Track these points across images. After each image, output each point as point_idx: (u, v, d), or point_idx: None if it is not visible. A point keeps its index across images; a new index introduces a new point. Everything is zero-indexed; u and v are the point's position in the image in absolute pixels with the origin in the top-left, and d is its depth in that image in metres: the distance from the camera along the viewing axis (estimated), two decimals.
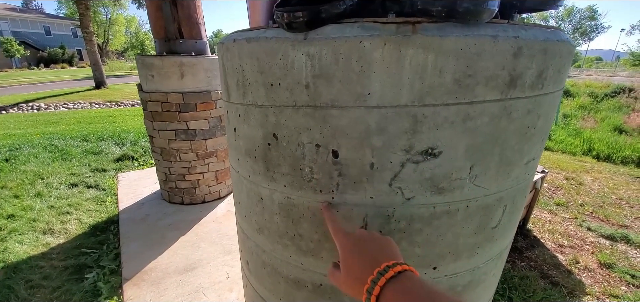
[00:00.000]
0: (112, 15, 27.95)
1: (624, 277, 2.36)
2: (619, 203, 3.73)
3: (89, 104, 9.71)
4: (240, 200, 0.74)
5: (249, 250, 0.77)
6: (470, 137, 0.48)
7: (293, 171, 0.56)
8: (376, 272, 0.38)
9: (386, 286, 0.36)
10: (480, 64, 0.43)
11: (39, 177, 3.82)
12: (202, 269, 2.22)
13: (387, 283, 0.36)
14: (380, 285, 0.36)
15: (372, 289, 0.37)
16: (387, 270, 0.37)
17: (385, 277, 0.37)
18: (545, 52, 0.47)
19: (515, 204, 0.62)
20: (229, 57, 0.59)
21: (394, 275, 0.37)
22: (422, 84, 0.43)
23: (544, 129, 0.56)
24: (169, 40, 2.65)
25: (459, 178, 0.51)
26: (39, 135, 5.44)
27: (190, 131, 2.83)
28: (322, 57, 0.45)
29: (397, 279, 0.37)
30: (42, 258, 2.40)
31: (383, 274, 0.37)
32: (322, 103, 0.48)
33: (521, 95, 0.47)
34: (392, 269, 0.37)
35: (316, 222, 0.57)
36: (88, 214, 3.05)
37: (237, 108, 0.61)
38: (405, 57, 0.42)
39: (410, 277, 0.37)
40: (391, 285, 0.36)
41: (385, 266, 0.38)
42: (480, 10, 0.40)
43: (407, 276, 0.37)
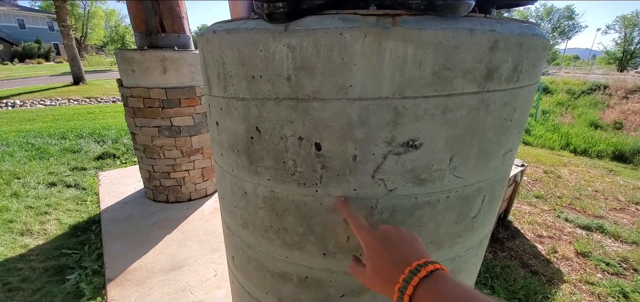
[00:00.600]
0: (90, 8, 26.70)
1: (599, 265, 2.50)
2: (595, 195, 3.93)
3: (67, 100, 9.29)
4: (224, 195, 0.73)
5: (235, 245, 0.76)
6: (449, 129, 0.49)
7: (276, 165, 0.55)
8: (408, 271, 0.37)
9: (419, 286, 0.36)
10: (459, 56, 0.44)
11: (15, 176, 3.64)
12: (189, 268, 2.18)
13: (420, 282, 0.36)
14: (413, 285, 0.36)
15: (405, 289, 0.36)
16: (420, 269, 0.37)
17: (418, 277, 0.36)
18: (521, 46, 0.48)
19: (494, 194, 0.64)
20: (209, 48, 0.58)
21: (427, 274, 0.36)
22: (403, 77, 0.44)
23: (521, 121, 0.58)
24: (150, 34, 2.56)
25: (440, 169, 0.52)
26: (14, 133, 5.16)
27: (174, 128, 2.75)
28: (303, 48, 0.45)
29: (430, 278, 0.36)
30: (20, 260, 2.29)
31: (415, 273, 0.37)
32: (304, 95, 0.48)
33: (498, 88, 0.49)
34: (425, 268, 0.37)
35: (300, 215, 0.57)
36: (68, 214, 2.93)
37: (219, 101, 0.60)
38: (386, 49, 0.42)
39: (443, 276, 0.36)
40: (424, 284, 0.36)
41: (416, 264, 0.37)
42: (458, 3, 0.41)
43: (439, 275, 0.36)
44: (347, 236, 0.56)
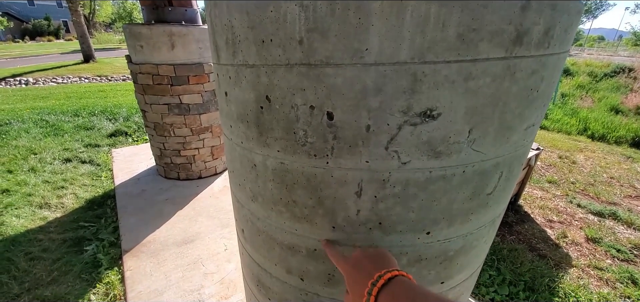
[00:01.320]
0: None
1: (610, 251, 2.46)
2: (610, 182, 3.82)
3: (78, 78, 9.42)
4: (233, 168, 0.73)
5: (244, 218, 0.76)
6: (471, 99, 0.46)
7: (287, 135, 0.54)
8: (370, 284, 0.41)
9: (379, 295, 0.39)
10: (486, 16, 0.40)
11: (32, 152, 3.77)
12: (200, 242, 2.26)
13: (380, 292, 0.40)
14: (374, 295, 0.40)
15: (368, 300, 0.40)
16: (379, 279, 0.41)
17: (377, 287, 0.40)
18: (554, 8, 0.44)
19: (511, 170, 0.61)
20: (217, 13, 0.55)
21: (385, 282, 0.40)
22: (424, 39, 0.41)
23: (547, 93, 0.55)
24: (157, 8, 2.52)
25: (457, 142, 0.49)
26: (28, 110, 5.31)
27: (183, 105, 2.76)
28: (316, 8, 0.42)
29: (389, 286, 0.40)
30: (40, 231, 2.41)
31: (375, 284, 0.40)
32: (316, 60, 0.45)
33: (526, 54, 0.45)
34: (383, 277, 0.41)
35: (310, 187, 0.56)
36: (84, 188, 3.04)
37: (228, 70, 0.58)
38: (407, 7, 0.39)
39: (401, 281, 0.40)
40: (384, 292, 0.40)
41: (377, 275, 0.41)
42: None
43: (397, 282, 0.40)
44: (357, 210, 0.55)
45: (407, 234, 0.58)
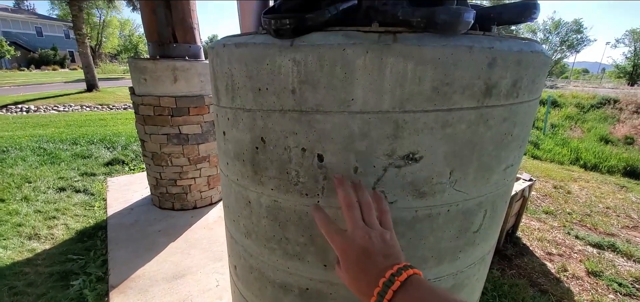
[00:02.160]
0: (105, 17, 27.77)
1: (612, 286, 2.41)
2: (606, 212, 3.82)
3: (80, 106, 9.56)
4: (229, 204, 0.75)
5: (237, 254, 0.77)
6: (449, 143, 0.50)
7: (280, 174, 0.56)
8: (382, 284, 0.37)
9: (394, 297, 0.36)
10: (457, 72, 0.45)
11: (26, 180, 3.73)
12: (191, 277, 2.18)
13: (395, 294, 0.36)
14: (388, 299, 0.36)
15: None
16: (393, 280, 0.36)
17: (392, 289, 0.36)
18: (519, 63, 0.49)
19: (495, 209, 0.63)
20: (218, 61, 0.60)
21: (401, 284, 0.36)
22: (403, 91, 0.45)
23: (521, 136, 0.59)
24: (163, 44, 2.65)
25: (440, 182, 0.52)
26: (27, 138, 5.32)
27: (182, 136, 2.81)
28: (307, 63, 0.47)
29: (403, 288, 0.36)
30: (27, 264, 2.32)
31: (389, 286, 0.36)
32: (307, 108, 0.49)
33: (497, 104, 0.50)
34: (398, 277, 0.36)
35: (302, 225, 0.58)
36: (75, 219, 2.98)
37: (227, 112, 0.62)
38: (387, 64, 0.44)
39: (417, 283, 0.36)
40: (400, 294, 0.36)
41: (390, 274, 0.37)
42: (457, 21, 0.42)
43: (412, 283, 0.36)
44: None
45: None
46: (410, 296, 0.35)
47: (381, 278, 0.37)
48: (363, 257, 0.40)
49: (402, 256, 0.41)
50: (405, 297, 0.35)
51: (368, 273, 0.39)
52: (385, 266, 0.38)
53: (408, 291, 0.36)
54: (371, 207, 0.44)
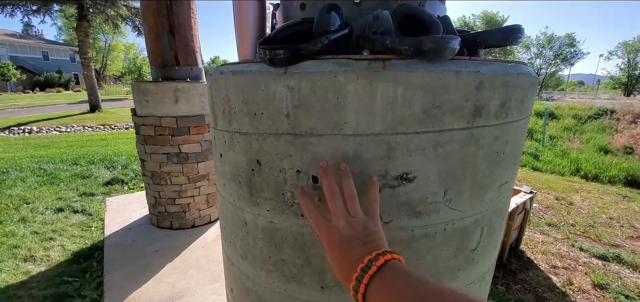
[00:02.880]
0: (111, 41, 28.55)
1: (618, 298, 2.35)
2: (610, 222, 3.77)
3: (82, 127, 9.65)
4: (225, 225, 0.75)
5: (233, 276, 0.76)
6: (442, 163, 0.50)
7: (276, 196, 0.57)
8: (360, 269, 0.38)
9: (371, 282, 0.36)
10: (446, 96, 0.46)
11: (25, 201, 3.71)
12: (188, 298, 2.13)
13: (372, 279, 0.36)
14: (364, 283, 0.37)
15: (358, 287, 0.37)
16: (370, 265, 0.37)
17: (369, 274, 0.37)
18: (507, 85, 0.51)
19: (492, 226, 0.64)
20: (216, 87, 0.62)
21: (377, 269, 0.37)
22: (394, 114, 0.47)
23: (514, 154, 0.60)
24: (165, 67, 2.72)
25: (434, 202, 0.53)
26: (28, 159, 5.34)
27: (182, 154, 2.82)
28: (301, 89, 0.48)
29: (380, 272, 0.37)
30: (21, 287, 2.27)
31: (366, 271, 0.37)
32: (301, 131, 0.51)
33: (487, 124, 0.51)
34: (375, 262, 0.37)
35: (298, 246, 0.58)
36: (72, 240, 2.94)
37: (224, 135, 0.64)
38: (377, 90, 0.46)
39: (393, 267, 0.37)
40: (375, 279, 0.36)
41: (368, 260, 0.38)
42: (443, 49, 0.44)
43: (389, 267, 0.37)
44: None
45: None
46: (387, 280, 0.36)
47: (360, 264, 0.38)
48: (344, 245, 0.42)
49: (384, 243, 0.42)
50: (382, 282, 0.36)
51: (349, 260, 0.40)
52: (364, 252, 0.39)
53: (385, 275, 0.36)
54: (354, 197, 0.45)
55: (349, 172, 0.47)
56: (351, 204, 0.45)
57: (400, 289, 0.34)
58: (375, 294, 0.36)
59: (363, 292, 0.37)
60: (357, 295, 0.37)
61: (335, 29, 0.49)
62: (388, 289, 0.35)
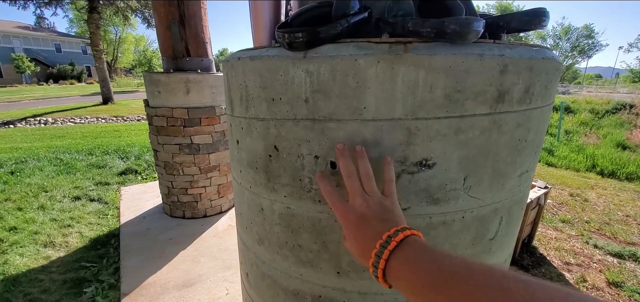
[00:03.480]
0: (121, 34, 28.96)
1: (634, 296, 2.29)
2: (626, 220, 3.66)
3: (95, 119, 9.90)
4: (241, 211, 0.76)
5: (249, 261, 0.77)
6: (462, 149, 0.50)
7: (293, 182, 0.57)
8: (379, 246, 0.37)
9: (391, 258, 0.36)
10: (469, 80, 0.45)
11: (43, 190, 3.86)
12: (201, 285, 2.19)
13: (392, 255, 0.36)
14: (384, 258, 0.36)
15: (378, 263, 0.37)
16: (390, 241, 0.37)
17: (388, 249, 0.36)
18: (531, 69, 0.49)
19: (511, 215, 0.63)
20: (233, 74, 0.62)
21: (397, 245, 0.36)
22: (415, 99, 0.46)
23: (536, 142, 0.58)
24: (176, 58, 2.75)
25: (454, 189, 0.52)
26: (44, 149, 5.53)
27: (194, 145, 2.87)
28: (320, 73, 0.48)
29: (400, 248, 0.36)
30: (42, 271, 2.38)
31: (386, 247, 0.37)
32: (320, 116, 0.51)
33: (510, 110, 0.50)
34: (394, 238, 0.37)
35: (315, 232, 0.58)
36: (89, 227, 3.05)
37: (240, 121, 0.64)
38: (398, 74, 0.45)
39: (413, 242, 0.36)
40: (395, 255, 0.36)
41: (387, 236, 0.37)
42: (467, 31, 0.43)
43: (409, 242, 0.36)
44: None
45: None
46: (408, 255, 0.35)
47: (378, 240, 0.38)
48: (361, 223, 0.42)
49: (403, 220, 0.42)
50: (403, 257, 0.36)
51: (366, 237, 0.40)
52: (383, 229, 0.39)
53: (406, 250, 0.36)
54: (370, 176, 0.45)
55: (365, 153, 0.47)
56: (367, 183, 0.45)
57: (423, 264, 0.33)
58: (397, 270, 0.35)
59: (383, 267, 0.36)
60: (376, 271, 0.37)
61: (354, 12, 0.49)
62: (410, 264, 0.34)
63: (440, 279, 0.31)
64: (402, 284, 0.35)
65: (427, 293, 0.32)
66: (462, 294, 0.29)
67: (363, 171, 0.46)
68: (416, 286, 0.33)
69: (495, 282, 0.27)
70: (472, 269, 0.30)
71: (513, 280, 0.27)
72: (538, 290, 0.25)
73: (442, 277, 0.31)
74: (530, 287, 0.25)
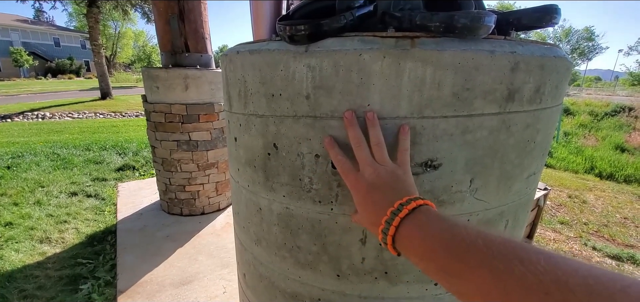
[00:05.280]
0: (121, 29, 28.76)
1: None
2: (624, 222, 3.67)
3: (93, 114, 9.84)
4: (239, 210, 0.74)
5: (246, 262, 0.75)
6: (469, 150, 0.48)
7: (292, 181, 0.55)
8: (390, 213, 0.37)
9: (401, 225, 0.36)
10: (478, 77, 0.43)
11: (40, 185, 3.82)
12: (198, 283, 2.17)
13: (402, 221, 0.36)
14: (394, 225, 0.36)
15: (388, 230, 0.36)
16: (401, 208, 0.36)
17: (400, 216, 0.36)
18: (543, 68, 0.47)
19: (517, 219, 0.61)
20: (232, 68, 0.60)
21: (409, 212, 0.36)
22: (421, 97, 0.44)
23: (544, 143, 0.56)
24: (175, 54, 2.71)
25: (459, 191, 0.50)
26: (42, 144, 5.48)
27: (192, 142, 2.84)
28: (322, 68, 0.46)
29: (412, 216, 0.36)
30: (37, 267, 2.36)
31: (397, 214, 0.36)
32: (322, 114, 0.48)
33: (520, 109, 0.48)
34: (407, 206, 0.36)
35: (315, 233, 0.56)
36: (86, 223, 3.02)
37: (239, 118, 0.62)
38: (404, 70, 0.43)
39: (426, 211, 0.36)
40: (406, 223, 0.36)
41: (399, 204, 0.37)
42: (477, 26, 0.41)
43: (422, 211, 0.36)
44: (362, 258, 0.55)
45: (414, 285, 0.56)
46: (420, 223, 0.35)
47: (389, 208, 0.37)
48: (372, 191, 0.41)
49: (415, 191, 0.41)
50: (414, 224, 0.35)
51: (376, 205, 0.40)
52: (394, 198, 0.38)
53: (418, 218, 0.35)
54: (381, 145, 0.44)
55: (377, 121, 0.45)
56: (379, 152, 0.43)
57: (435, 232, 0.32)
58: (407, 238, 0.35)
59: (392, 234, 0.36)
60: (386, 238, 0.36)
61: (359, 5, 0.46)
62: (421, 231, 0.34)
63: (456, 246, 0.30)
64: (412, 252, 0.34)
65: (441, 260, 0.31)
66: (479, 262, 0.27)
67: (374, 139, 0.44)
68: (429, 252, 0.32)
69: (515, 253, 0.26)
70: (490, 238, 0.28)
71: (533, 252, 0.25)
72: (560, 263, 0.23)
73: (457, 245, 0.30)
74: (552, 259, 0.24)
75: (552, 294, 0.22)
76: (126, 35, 30.10)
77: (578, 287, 0.21)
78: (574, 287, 0.21)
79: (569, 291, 0.21)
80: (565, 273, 0.22)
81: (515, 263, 0.25)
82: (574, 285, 0.21)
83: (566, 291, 0.21)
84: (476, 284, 0.27)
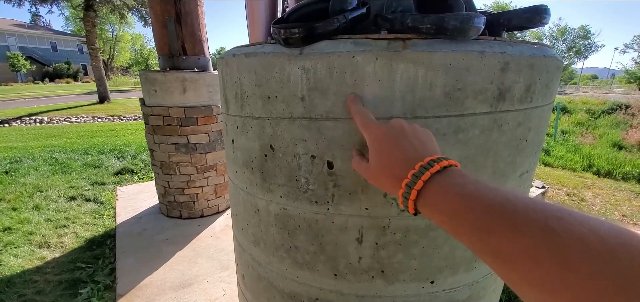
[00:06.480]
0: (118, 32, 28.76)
1: None
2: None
3: (91, 118, 9.82)
4: (237, 212, 0.74)
5: (245, 263, 0.76)
6: (462, 149, 0.49)
7: (289, 182, 0.56)
8: (419, 166, 0.34)
9: (431, 180, 0.33)
10: (469, 78, 0.44)
11: (38, 189, 3.81)
12: (198, 286, 2.17)
13: (433, 177, 0.33)
14: (423, 179, 0.33)
15: (414, 183, 0.33)
16: (433, 164, 0.33)
17: (430, 171, 0.33)
18: (532, 67, 0.49)
19: None
20: (228, 71, 0.61)
21: (441, 169, 0.33)
22: (414, 97, 0.45)
23: (536, 141, 0.57)
24: (173, 57, 2.72)
25: None
26: (40, 148, 5.47)
27: (190, 145, 2.84)
28: (317, 70, 0.47)
29: (443, 174, 0.33)
30: (36, 272, 2.35)
31: (427, 168, 0.33)
32: (317, 115, 0.49)
33: (511, 108, 0.49)
34: (438, 163, 0.33)
35: (312, 233, 0.57)
36: (85, 227, 3.01)
37: (235, 120, 0.63)
38: (397, 71, 0.44)
39: (452, 173, 0.33)
40: (437, 179, 0.32)
41: (429, 159, 0.34)
42: (467, 27, 0.42)
43: (448, 173, 0.33)
44: (359, 257, 0.56)
45: (410, 283, 0.57)
46: (446, 185, 0.31)
47: (419, 162, 0.34)
48: (401, 138, 0.38)
49: (439, 151, 0.38)
50: (440, 187, 0.32)
51: (397, 162, 0.36)
52: (424, 152, 0.36)
53: (444, 179, 0.32)
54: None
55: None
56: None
57: (466, 194, 0.29)
58: (432, 201, 0.32)
59: (414, 198, 0.33)
60: (407, 202, 0.34)
61: (352, 8, 0.47)
62: (447, 194, 0.31)
63: (498, 204, 0.27)
64: (439, 209, 0.32)
65: (479, 218, 0.27)
66: (527, 219, 0.24)
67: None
68: (464, 208, 0.29)
69: (571, 215, 0.23)
70: (534, 204, 0.25)
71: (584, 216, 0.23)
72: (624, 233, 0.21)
73: (500, 202, 0.27)
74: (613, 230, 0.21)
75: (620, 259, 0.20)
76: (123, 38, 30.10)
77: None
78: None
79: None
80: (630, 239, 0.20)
81: (574, 224, 0.22)
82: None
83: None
84: (523, 243, 0.24)
